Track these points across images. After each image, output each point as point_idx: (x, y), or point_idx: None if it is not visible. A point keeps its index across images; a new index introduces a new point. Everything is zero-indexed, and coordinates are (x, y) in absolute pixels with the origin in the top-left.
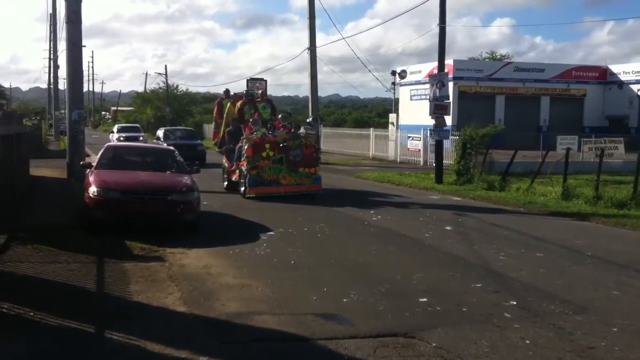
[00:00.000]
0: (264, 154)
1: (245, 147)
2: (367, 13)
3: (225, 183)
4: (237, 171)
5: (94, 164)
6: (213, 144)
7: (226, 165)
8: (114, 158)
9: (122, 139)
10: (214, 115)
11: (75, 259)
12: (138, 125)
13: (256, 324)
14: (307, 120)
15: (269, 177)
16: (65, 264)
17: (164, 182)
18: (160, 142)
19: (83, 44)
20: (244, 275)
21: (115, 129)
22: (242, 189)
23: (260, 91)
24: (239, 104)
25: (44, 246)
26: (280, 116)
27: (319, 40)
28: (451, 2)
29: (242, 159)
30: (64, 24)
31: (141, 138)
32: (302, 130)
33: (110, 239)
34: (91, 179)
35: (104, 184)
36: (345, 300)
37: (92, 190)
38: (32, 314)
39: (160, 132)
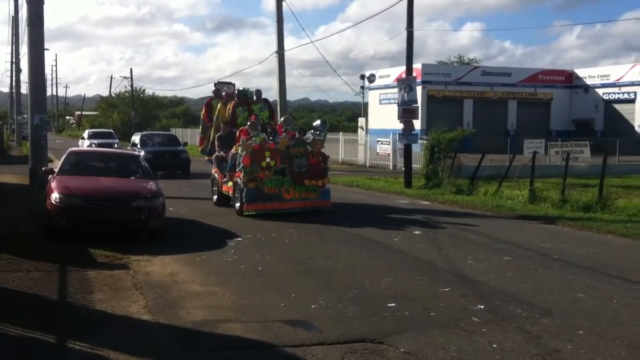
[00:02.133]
0: (264, 164)
1: (242, 155)
2: (339, 17)
3: (215, 197)
4: (231, 183)
5: (56, 169)
6: (199, 150)
7: (216, 176)
8: (77, 164)
9: (94, 145)
10: (202, 117)
11: (37, 267)
12: (112, 131)
13: (222, 332)
14: (314, 124)
15: (270, 190)
16: (26, 272)
17: (127, 188)
18: (137, 150)
19: (46, 47)
20: (211, 282)
21: (85, 134)
22: (238, 204)
23: (255, 90)
24: (230, 105)
25: (4, 254)
26: (282, 119)
27: (291, 44)
28: (422, 6)
29: (238, 170)
30: (26, 26)
31: (116, 145)
32: (308, 135)
33: (74, 247)
34: (53, 185)
35: (67, 190)
36: (313, 306)
37: (54, 196)
38: None
39: (136, 138)
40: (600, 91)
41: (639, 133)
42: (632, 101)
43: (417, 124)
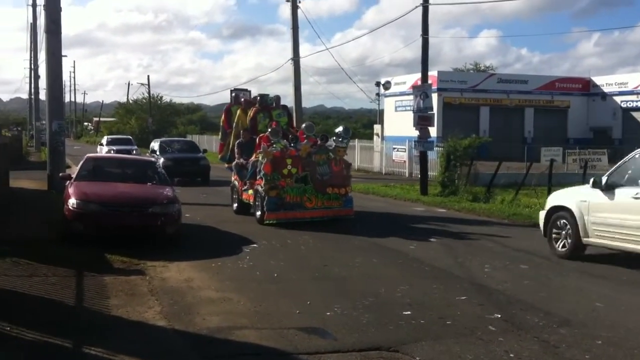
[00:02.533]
0: (285, 171)
1: (263, 162)
2: (355, 24)
3: (235, 205)
4: (251, 191)
5: (74, 175)
6: (219, 158)
7: (236, 183)
8: (94, 169)
9: (112, 152)
10: (222, 124)
11: (54, 272)
12: (130, 137)
13: (237, 339)
14: (336, 130)
15: (292, 199)
16: (43, 277)
17: (144, 194)
18: (156, 156)
19: (64, 54)
20: (226, 288)
21: (104, 140)
22: (259, 213)
23: (274, 96)
24: (251, 111)
25: (22, 259)
26: (304, 125)
27: (306, 51)
28: (439, 14)
29: (259, 177)
30: (44, 33)
31: (134, 151)
32: (330, 142)
33: (90, 252)
34: (70, 190)
35: (84, 196)
36: (328, 313)
37: (72, 202)
38: (8, 328)
39: (155, 144)
40: (618, 99)
41: None
42: None
43: (433, 131)
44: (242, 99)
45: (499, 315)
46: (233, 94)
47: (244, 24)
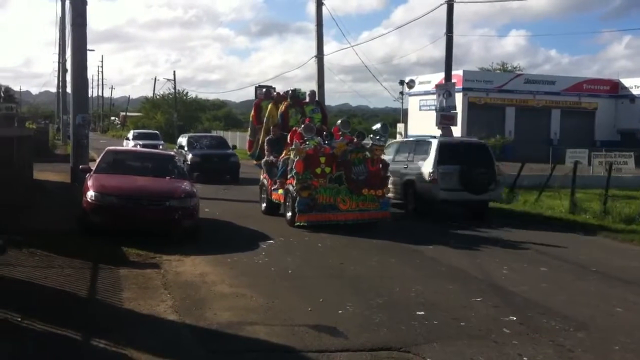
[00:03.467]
0: (318, 170)
1: (295, 160)
2: (383, 23)
3: (264, 205)
4: (281, 191)
5: (94, 168)
6: (248, 155)
7: (265, 182)
8: (114, 162)
9: (138, 146)
10: (251, 119)
11: (69, 264)
12: (157, 132)
13: (247, 335)
14: (373, 127)
15: (325, 200)
16: (59, 269)
17: (162, 187)
18: (185, 152)
19: (92, 48)
20: (240, 284)
21: (130, 135)
22: (289, 214)
23: (308, 92)
24: (282, 106)
25: (39, 250)
26: (339, 122)
27: (333, 49)
28: (468, 13)
29: (290, 176)
30: (70, 26)
31: (160, 147)
32: (367, 140)
33: (107, 245)
34: (89, 183)
35: (102, 189)
36: (340, 311)
37: (90, 194)
38: (19, 319)
39: (182, 140)
40: None
41: None
42: None
43: (458, 131)
44: (275, 93)
45: (515, 318)
46: (258, 91)
47: (272, 21)
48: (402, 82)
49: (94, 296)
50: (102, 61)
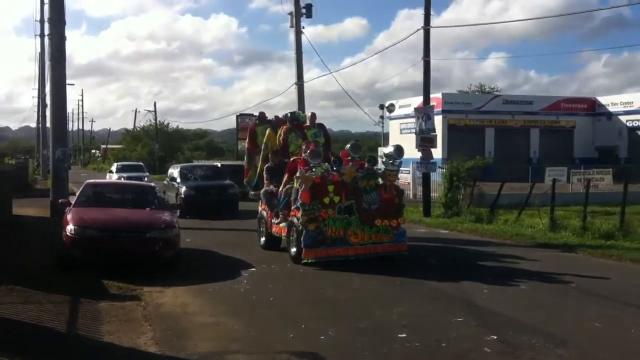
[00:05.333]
0: (327, 200)
1: (300, 190)
2: (366, 49)
3: (263, 239)
4: (284, 224)
5: (73, 201)
6: (244, 183)
7: (265, 214)
8: (93, 195)
9: (122, 179)
10: (246, 146)
11: (49, 299)
12: (141, 164)
13: None
14: (385, 151)
15: (334, 233)
16: (38, 304)
17: (142, 219)
18: (178, 185)
19: (72, 83)
20: (221, 313)
21: (113, 167)
22: (294, 250)
23: (309, 114)
24: (281, 130)
25: (17, 286)
26: (348, 146)
27: (315, 76)
28: (449, 37)
29: (295, 207)
30: (49, 62)
31: (146, 179)
32: (379, 165)
33: (87, 278)
34: (69, 217)
35: (81, 222)
36: (322, 337)
37: (69, 228)
38: None
39: (174, 171)
40: (623, 118)
41: None
42: None
43: (439, 153)
44: (273, 117)
45: (495, 337)
46: (260, 113)
47: (255, 51)
48: (382, 107)
49: (74, 330)
50: (82, 95)
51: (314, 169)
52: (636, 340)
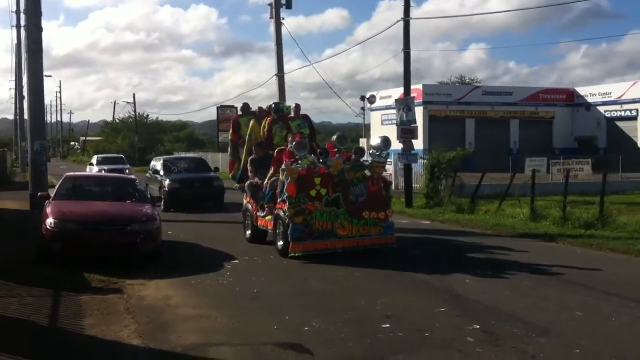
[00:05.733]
0: (313, 193)
1: (286, 182)
2: (347, 40)
3: (248, 232)
4: (269, 217)
5: (52, 194)
6: (230, 176)
7: (250, 207)
8: (73, 188)
9: (103, 172)
10: (230, 138)
11: (29, 293)
12: (122, 156)
13: (212, 356)
14: (373, 143)
15: (321, 226)
16: (18, 298)
17: (123, 211)
18: (161, 178)
19: (49, 74)
20: (204, 305)
21: (94, 160)
22: (280, 243)
23: (293, 105)
24: (265, 122)
25: None
26: (334, 137)
27: (296, 67)
28: (429, 28)
29: (281, 200)
30: (25, 53)
31: (127, 171)
32: (366, 157)
33: (68, 272)
34: (48, 210)
35: (61, 215)
36: (306, 328)
37: (49, 221)
38: None
39: (156, 164)
40: (602, 109)
41: None
42: (634, 118)
43: (420, 144)
44: (257, 109)
45: (478, 326)
46: (244, 104)
47: (235, 42)
48: (363, 98)
49: (55, 324)
50: (60, 86)
51: (300, 161)
52: (616, 328)
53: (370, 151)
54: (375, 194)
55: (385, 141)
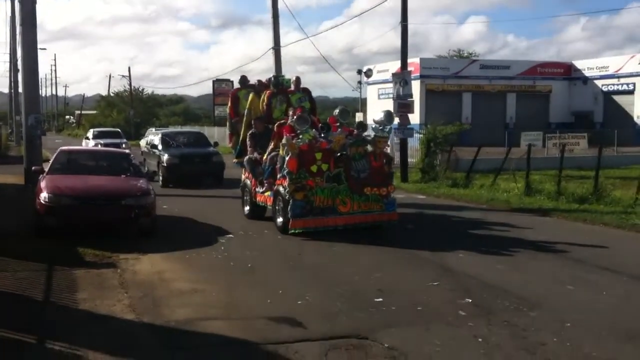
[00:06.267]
0: (314, 168)
1: (287, 158)
2: (345, 12)
3: (247, 208)
4: (268, 193)
5: (47, 169)
6: (231, 149)
7: (248, 182)
8: (67, 162)
9: (99, 146)
10: (228, 112)
11: (23, 267)
12: (119, 130)
13: (206, 330)
14: (375, 118)
15: (322, 202)
16: (12, 272)
17: (117, 186)
18: (159, 152)
19: (44, 47)
20: (198, 280)
21: (90, 134)
22: (280, 220)
23: (293, 78)
24: (264, 95)
25: None
26: (336, 111)
27: (294, 40)
28: (428, 1)
29: (281, 176)
30: (20, 26)
31: (124, 145)
32: (369, 132)
33: (63, 246)
34: (42, 184)
35: (56, 190)
36: (300, 302)
37: (43, 196)
38: None
39: (155, 138)
40: (599, 83)
41: (639, 124)
42: (632, 92)
43: (416, 118)
44: (256, 82)
45: (470, 300)
46: (242, 76)
47: (232, 14)
48: (359, 72)
49: (49, 298)
50: (55, 60)
51: (300, 136)
52: (608, 302)
53: (373, 126)
54: (378, 170)
55: (389, 115)
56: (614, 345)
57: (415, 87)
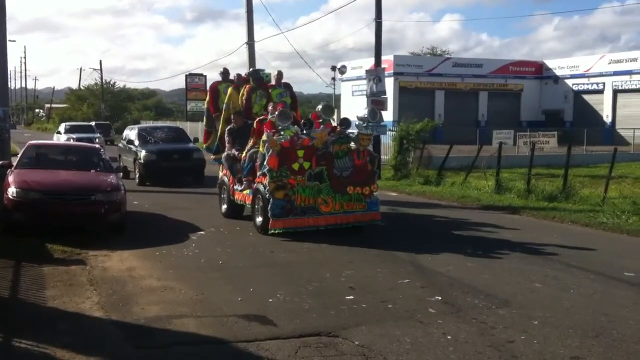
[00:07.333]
0: (296, 166)
1: (267, 154)
2: (322, 8)
3: (224, 207)
4: (248, 191)
5: (15, 163)
6: (204, 147)
7: (226, 180)
8: (36, 157)
9: (72, 141)
10: (207, 106)
11: None
12: (92, 125)
13: (176, 328)
14: (359, 115)
15: (303, 201)
16: None
17: (87, 181)
18: (136, 148)
19: (13, 39)
20: (169, 277)
21: (61, 128)
22: (259, 219)
23: (274, 73)
24: (244, 90)
25: None
26: (320, 107)
27: (270, 35)
28: None
29: (261, 174)
30: None
31: (97, 140)
32: (352, 129)
33: (31, 242)
34: (10, 179)
35: (24, 184)
36: (270, 300)
37: (11, 191)
38: None
39: (130, 133)
40: (569, 82)
41: (608, 124)
42: (601, 92)
43: (389, 115)
44: (235, 76)
45: (440, 298)
46: (224, 69)
47: (208, 8)
48: (334, 68)
49: (16, 295)
50: (25, 52)
51: (282, 132)
52: (575, 300)
53: (357, 123)
54: (361, 168)
55: (373, 112)
56: (580, 342)
57: (389, 84)
